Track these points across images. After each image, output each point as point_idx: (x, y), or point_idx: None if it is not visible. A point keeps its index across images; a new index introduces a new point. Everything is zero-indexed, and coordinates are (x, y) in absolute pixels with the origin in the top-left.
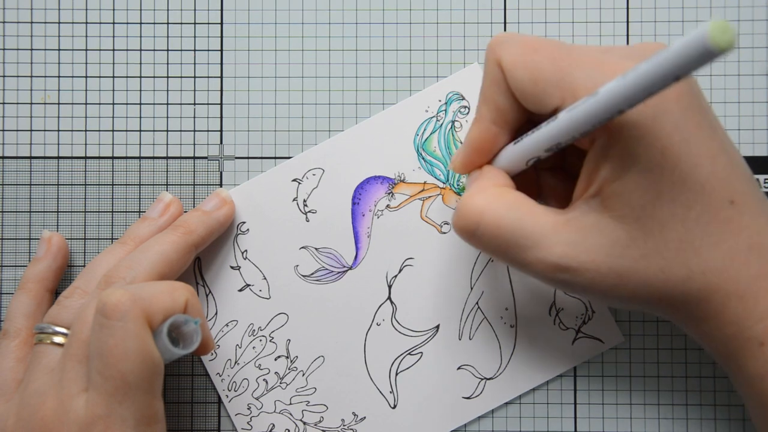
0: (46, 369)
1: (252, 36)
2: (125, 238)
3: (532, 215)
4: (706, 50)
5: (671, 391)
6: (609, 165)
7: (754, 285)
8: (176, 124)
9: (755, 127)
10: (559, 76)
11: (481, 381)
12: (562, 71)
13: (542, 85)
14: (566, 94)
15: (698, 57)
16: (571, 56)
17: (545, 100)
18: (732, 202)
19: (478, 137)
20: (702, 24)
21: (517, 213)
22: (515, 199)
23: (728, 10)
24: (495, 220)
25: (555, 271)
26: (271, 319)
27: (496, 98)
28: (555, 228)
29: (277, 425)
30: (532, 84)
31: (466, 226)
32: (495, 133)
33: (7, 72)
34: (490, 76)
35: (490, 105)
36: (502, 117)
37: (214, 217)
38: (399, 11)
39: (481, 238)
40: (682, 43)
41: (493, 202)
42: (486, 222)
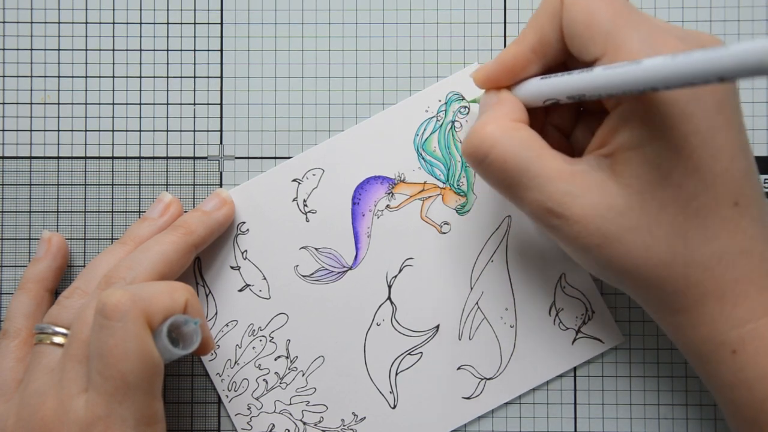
0: (46, 369)
1: (252, 36)
2: (125, 238)
3: (540, 158)
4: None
5: (671, 391)
6: (628, 132)
7: (736, 289)
8: (176, 124)
9: (755, 127)
10: (611, 29)
11: (481, 381)
12: (617, 25)
13: (593, 31)
14: (610, 48)
15: (752, 68)
16: (630, 16)
17: (589, 47)
18: (737, 203)
19: (513, 58)
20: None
21: (528, 152)
22: (527, 137)
23: (728, 10)
24: (504, 154)
25: (547, 215)
26: (271, 319)
27: (545, 28)
28: (560, 176)
29: (277, 425)
30: (584, 26)
31: (476, 154)
32: (529, 60)
33: (7, 72)
34: (548, 5)
35: (537, 32)
36: (543, 48)
37: (214, 218)
38: (399, 11)
39: (487, 168)
40: (741, 49)
41: (505, 136)
42: (496, 154)
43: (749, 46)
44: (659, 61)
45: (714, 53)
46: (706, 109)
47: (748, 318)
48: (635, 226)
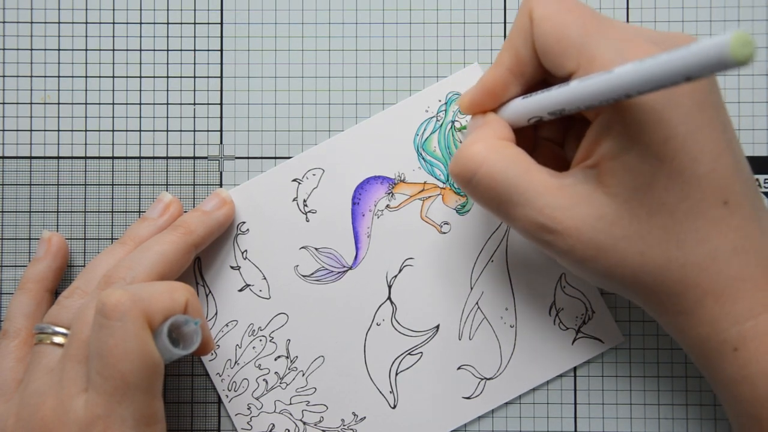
0: (46, 369)
1: (252, 36)
2: (125, 238)
3: (528, 174)
4: (723, 60)
5: (671, 391)
6: (610, 141)
7: (733, 287)
8: (176, 124)
9: (755, 127)
10: (583, 41)
11: (481, 381)
12: (587, 36)
13: (564, 45)
14: (584, 60)
15: (714, 64)
16: (600, 26)
17: (563, 62)
18: (726, 202)
19: (492, 81)
20: (725, 32)
21: (515, 169)
22: (514, 154)
23: (728, 10)
24: (492, 172)
25: (539, 230)
26: (271, 319)
27: (519, 47)
28: (548, 190)
29: (277, 425)
30: (555, 42)
31: (463, 174)
32: (509, 81)
33: (7, 72)
34: (519, 24)
35: (512, 53)
36: (520, 67)
37: (214, 217)
38: (399, 11)
39: (476, 188)
40: (701, 46)
41: (492, 154)
42: (483, 173)
43: (709, 42)
44: (628, 67)
45: (677, 54)
46: (684, 112)
47: (748, 315)
48: (627, 235)
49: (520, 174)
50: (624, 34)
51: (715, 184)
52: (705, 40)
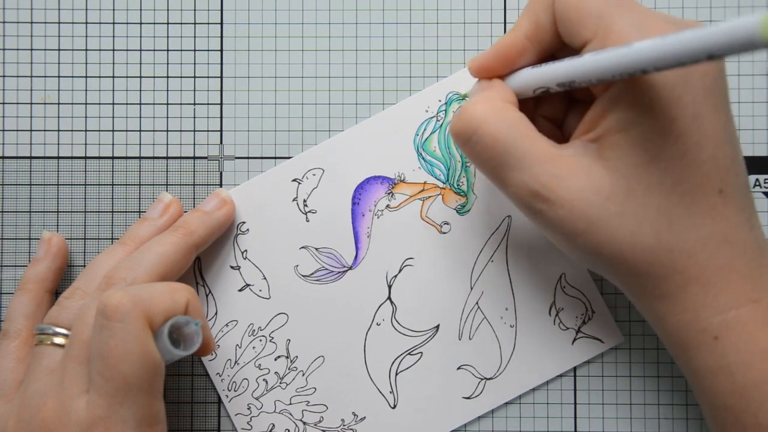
0: (47, 370)
1: (252, 36)
2: (125, 238)
3: (528, 138)
4: (752, 40)
5: (671, 391)
6: (616, 116)
7: (720, 276)
8: (176, 124)
9: (755, 127)
10: (602, 11)
11: (481, 381)
12: (607, 8)
13: (583, 14)
14: (600, 30)
15: (742, 44)
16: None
17: (579, 30)
18: (721, 191)
19: (508, 45)
20: (755, 14)
21: (516, 132)
22: (517, 118)
23: (728, 10)
24: (493, 132)
25: (532, 197)
26: (271, 319)
27: (539, 14)
28: (546, 158)
29: (277, 425)
30: (574, 9)
31: (463, 131)
32: (524, 48)
33: (7, 72)
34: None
35: (531, 19)
36: (537, 35)
37: (214, 218)
38: (399, 11)
39: (474, 146)
40: (731, 25)
41: (495, 115)
42: (483, 131)
43: (738, 22)
44: (649, 43)
45: (704, 31)
46: (695, 94)
47: (731, 305)
48: (621, 211)
49: (520, 137)
50: (643, 12)
51: (714, 171)
52: (733, 20)
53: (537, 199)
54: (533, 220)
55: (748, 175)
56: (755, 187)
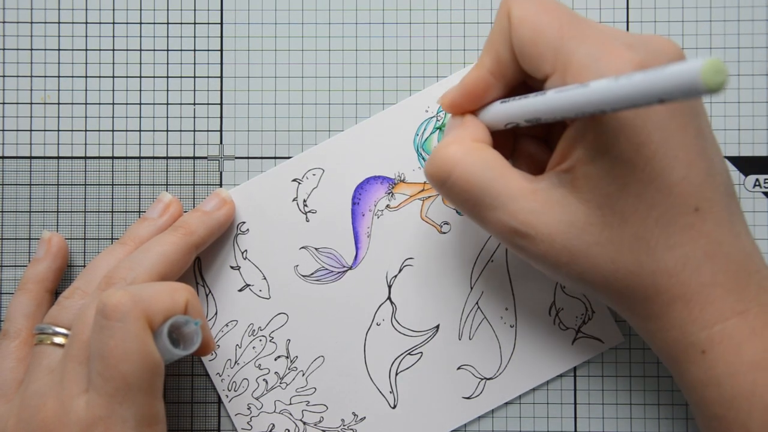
0: (47, 370)
1: (252, 36)
2: (125, 238)
3: (502, 177)
4: (695, 87)
5: (671, 391)
6: (584, 147)
7: (703, 292)
8: (176, 124)
9: (755, 127)
10: (559, 44)
11: (481, 381)
12: (563, 40)
13: (541, 48)
14: (560, 63)
15: (686, 90)
16: (577, 28)
17: (540, 64)
18: (697, 209)
19: (473, 82)
20: (698, 59)
21: (489, 172)
22: (490, 157)
23: (728, 10)
24: (466, 174)
25: (513, 235)
26: (271, 319)
27: (499, 49)
28: (522, 194)
29: (277, 425)
30: (532, 44)
31: (438, 175)
32: (489, 83)
33: (7, 72)
34: (498, 26)
35: (492, 55)
36: (501, 69)
37: (214, 218)
38: (399, 11)
39: (450, 189)
40: (673, 71)
41: (467, 156)
42: (457, 174)
43: (678, 68)
44: (604, 83)
45: (648, 77)
46: (657, 119)
47: (716, 320)
48: (599, 241)
49: (495, 177)
50: (602, 38)
51: (686, 191)
52: (675, 66)
53: (517, 235)
54: (518, 254)
55: (748, 175)
56: (755, 187)
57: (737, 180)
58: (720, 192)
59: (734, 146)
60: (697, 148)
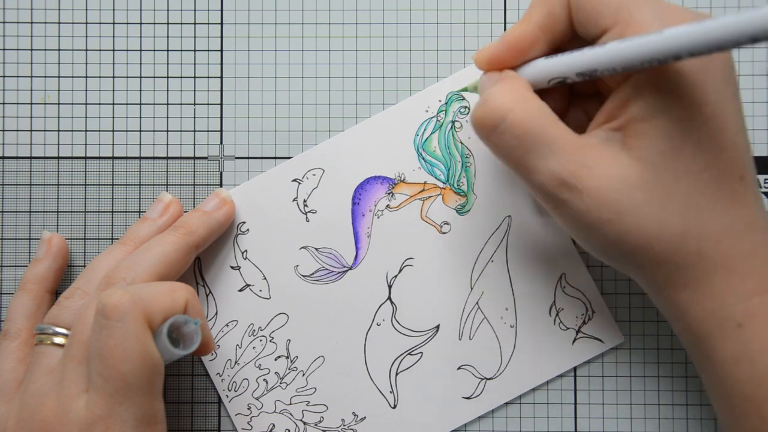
0: (47, 370)
1: (252, 36)
2: (125, 238)
3: (555, 127)
4: None
5: (671, 391)
6: (641, 104)
7: (745, 262)
8: (176, 124)
9: (755, 127)
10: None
11: (481, 381)
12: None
13: (603, 3)
14: (621, 18)
15: None
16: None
17: (598, 18)
18: (742, 177)
19: (519, 35)
20: None
21: (543, 120)
22: (542, 106)
23: (728, 10)
24: (521, 119)
25: (560, 186)
26: (271, 319)
27: (553, 4)
28: (574, 147)
29: (277, 425)
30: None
31: (489, 120)
32: (536, 38)
33: (7, 72)
34: None
35: (544, 9)
36: (550, 25)
37: (214, 218)
38: (399, 11)
39: (501, 135)
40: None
41: (522, 103)
42: (512, 119)
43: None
44: (682, 29)
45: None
46: (716, 82)
47: (755, 291)
48: (649, 199)
49: (548, 126)
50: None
51: (735, 157)
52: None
53: (564, 188)
54: (555, 211)
55: None
56: None
57: None
58: (754, 167)
59: None
60: (742, 120)
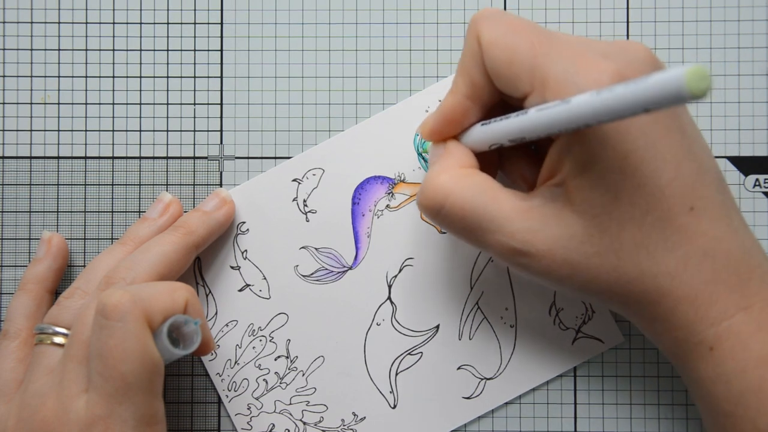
0: (47, 370)
1: (252, 36)
2: (125, 238)
3: (495, 200)
4: (680, 94)
5: (671, 391)
6: (572, 160)
7: (707, 290)
8: (176, 124)
9: (755, 127)
10: (533, 63)
11: (481, 381)
12: (537, 58)
13: (516, 69)
14: (537, 82)
15: (671, 98)
16: (550, 45)
17: (517, 84)
18: (692, 208)
19: (451, 109)
20: (681, 67)
21: (482, 197)
22: (480, 181)
23: (728, 10)
24: (460, 202)
25: (514, 255)
26: (271, 319)
27: (472, 73)
28: (517, 214)
29: (277, 425)
30: (506, 65)
31: (432, 206)
32: (467, 107)
33: (7, 72)
34: (469, 50)
35: (466, 79)
36: (476, 93)
37: (214, 217)
38: (399, 11)
39: (445, 218)
40: (658, 80)
41: (458, 184)
42: (451, 203)
43: (663, 76)
44: (585, 98)
45: (631, 87)
46: (640, 125)
47: (722, 317)
48: (599, 251)
49: (488, 201)
50: (576, 51)
51: (679, 192)
52: (659, 74)
53: (518, 255)
54: (521, 273)
55: (748, 175)
56: (755, 187)
57: (737, 180)
58: (713, 189)
59: (734, 146)
60: (684, 149)
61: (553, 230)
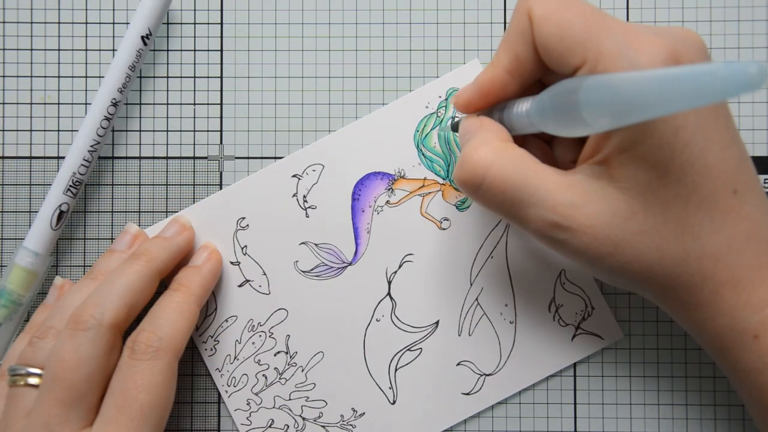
0: (23, 412)
1: (252, 36)
2: (94, 272)
3: (536, 173)
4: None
5: (671, 391)
6: (620, 136)
7: (750, 275)
8: (176, 124)
9: (755, 127)
10: (587, 37)
11: (480, 377)
12: (591, 32)
13: (569, 43)
14: (590, 55)
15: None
16: (603, 20)
17: (568, 59)
18: (735, 191)
19: (489, 81)
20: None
21: (523, 169)
22: (521, 154)
23: (728, 10)
24: (501, 175)
25: (553, 229)
26: (270, 315)
27: (518, 48)
28: (559, 188)
29: (277, 421)
30: (558, 40)
31: (472, 179)
32: (506, 82)
33: (7, 72)
34: (517, 25)
35: (510, 53)
36: (518, 68)
37: (175, 243)
38: (399, 11)
39: (486, 193)
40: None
41: (499, 157)
42: (492, 176)
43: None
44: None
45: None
46: None
47: (766, 303)
48: (643, 229)
49: (530, 174)
50: (627, 28)
51: (724, 173)
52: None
53: (558, 229)
54: (558, 251)
55: None
56: None
57: None
58: (752, 177)
59: None
60: (730, 132)
61: (596, 206)
